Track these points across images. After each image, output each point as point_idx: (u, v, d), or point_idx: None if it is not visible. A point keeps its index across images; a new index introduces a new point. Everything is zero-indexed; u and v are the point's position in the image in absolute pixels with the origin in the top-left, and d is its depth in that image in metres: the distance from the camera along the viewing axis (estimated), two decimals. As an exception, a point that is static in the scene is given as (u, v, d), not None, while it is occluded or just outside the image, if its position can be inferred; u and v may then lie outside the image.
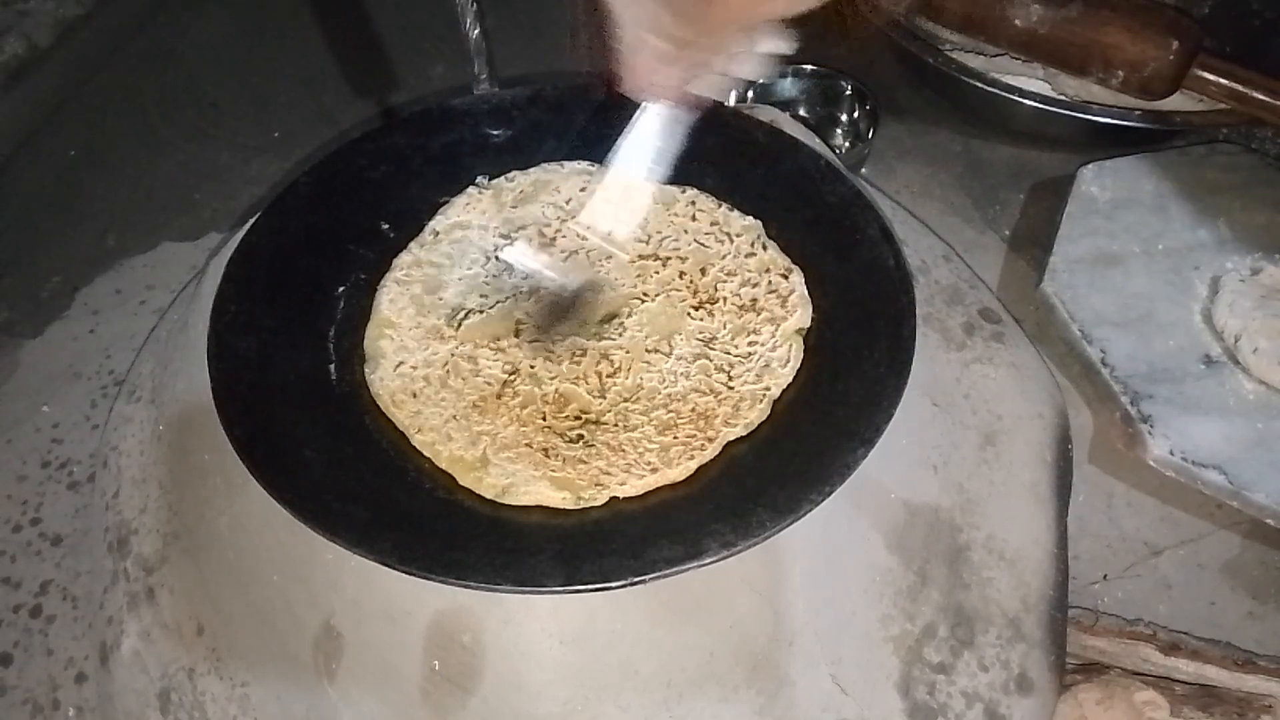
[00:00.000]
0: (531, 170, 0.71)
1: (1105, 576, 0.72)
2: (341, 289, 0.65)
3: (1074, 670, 0.65)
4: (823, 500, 0.51)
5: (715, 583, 0.54)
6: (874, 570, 0.59)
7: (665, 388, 0.59)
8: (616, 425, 0.58)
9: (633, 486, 0.54)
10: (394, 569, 0.49)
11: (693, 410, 0.58)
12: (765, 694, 0.54)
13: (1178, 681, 0.65)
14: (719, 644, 0.54)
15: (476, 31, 0.70)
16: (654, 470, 0.55)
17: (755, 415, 0.57)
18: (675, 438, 0.56)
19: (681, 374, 0.60)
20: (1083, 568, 0.71)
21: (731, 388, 0.59)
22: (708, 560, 0.49)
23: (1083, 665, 0.66)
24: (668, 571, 0.48)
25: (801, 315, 0.62)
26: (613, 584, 0.48)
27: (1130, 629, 0.68)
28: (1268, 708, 0.63)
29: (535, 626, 0.53)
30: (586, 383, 0.60)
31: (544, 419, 0.58)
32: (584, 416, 0.58)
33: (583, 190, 0.70)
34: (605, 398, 0.59)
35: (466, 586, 0.48)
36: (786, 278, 0.64)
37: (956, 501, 0.64)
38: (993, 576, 0.62)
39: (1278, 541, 0.72)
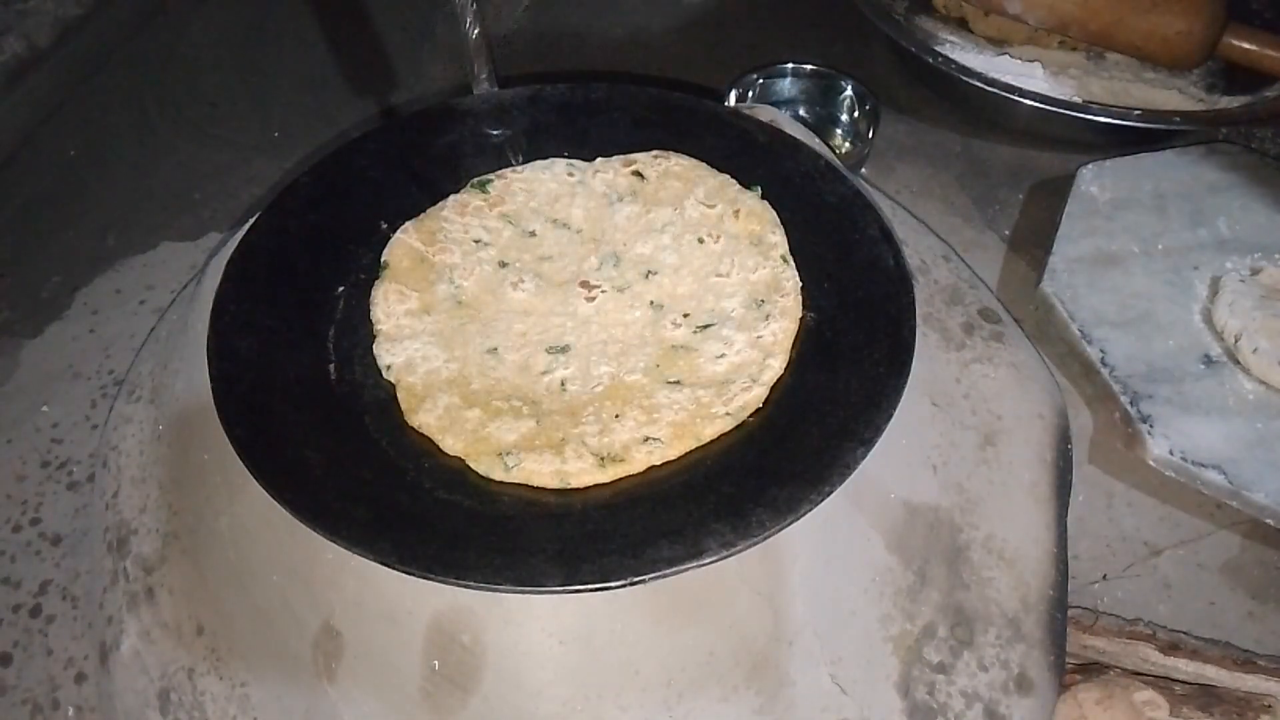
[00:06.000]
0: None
1: (1105, 576, 0.72)
2: (341, 289, 0.65)
3: (1074, 670, 0.65)
4: (822, 500, 0.51)
5: (715, 583, 0.54)
6: (874, 570, 0.59)
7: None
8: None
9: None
10: (394, 569, 0.49)
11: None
12: (765, 694, 0.54)
13: (1177, 681, 0.65)
14: (719, 644, 0.54)
15: (476, 31, 0.70)
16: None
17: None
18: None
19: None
20: (1083, 568, 0.71)
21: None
22: (707, 560, 0.49)
23: (1082, 665, 0.66)
24: (667, 571, 0.48)
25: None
26: (612, 584, 0.48)
27: (1130, 629, 0.68)
28: (1267, 707, 0.63)
29: (535, 626, 0.53)
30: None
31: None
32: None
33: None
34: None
35: (466, 586, 0.48)
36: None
37: (956, 501, 0.64)
38: (992, 576, 0.62)
39: (1278, 541, 0.72)
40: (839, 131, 1.01)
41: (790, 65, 1.00)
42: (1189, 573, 0.72)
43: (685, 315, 0.63)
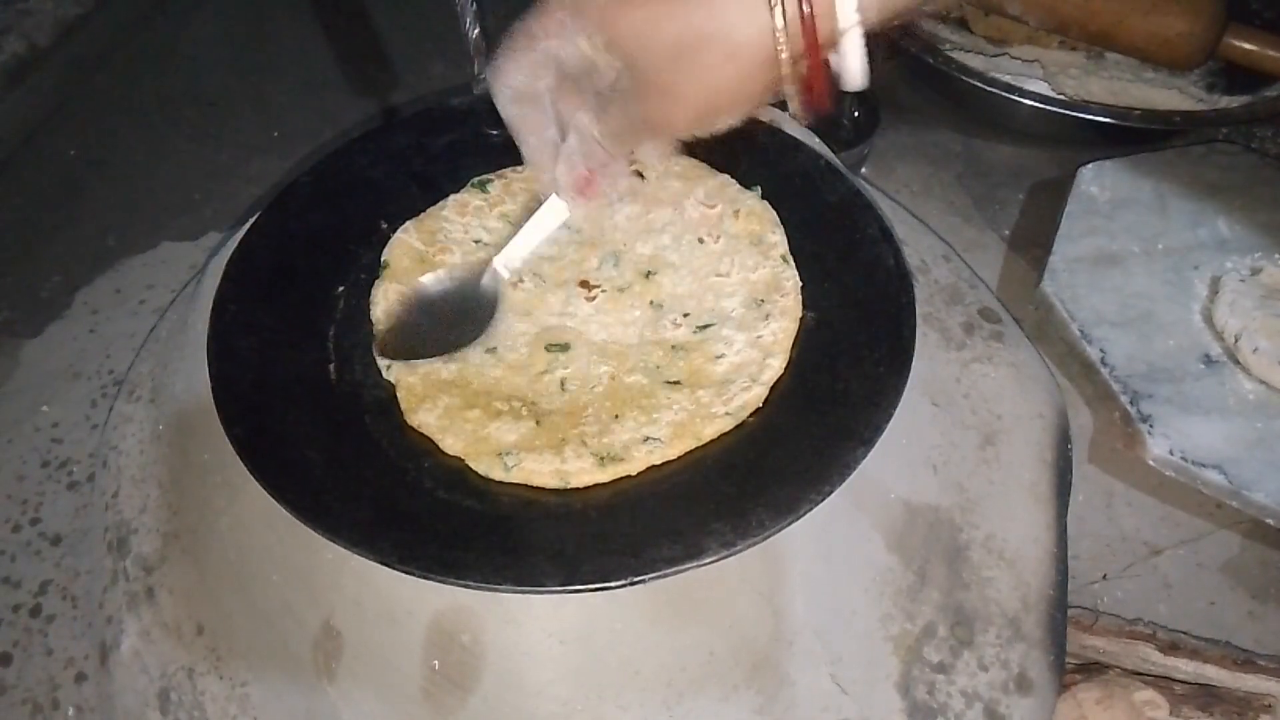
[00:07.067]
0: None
1: (1105, 576, 0.72)
2: (341, 289, 0.65)
3: (1074, 670, 0.65)
4: (822, 500, 0.51)
5: (715, 582, 0.54)
6: (874, 570, 0.59)
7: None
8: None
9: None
10: (394, 569, 0.49)
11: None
12: (765, 694, 0.54)
13: (1177, 681, 0.65)
14: (719, 643, 0.54)
15: (476, 31, 0.70)
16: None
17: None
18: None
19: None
20: (1083, 567, 0.71)
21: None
22: (707, 560, 0.49)
23: (1082, 665, 0.66)
24: (667, 571, 0.48)
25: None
26: (612, 583, 0.48)
27: (1130, 628, 0.68)
28: (1267, 707, 0.63)
29: (535, 626, 0.53)
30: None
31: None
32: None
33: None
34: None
35: (466, 586, 0.48)
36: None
37: (956, 501, 0.64)
38: (992, 576, 0.62)
39: (1278, 541, 0.72)
40: (839, 131, 1.01)
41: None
42: (1189, 573, 0.72)
43: (685, 315, 0.63)
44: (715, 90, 0.47)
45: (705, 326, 0.62)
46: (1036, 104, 0.93)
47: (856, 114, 0.99)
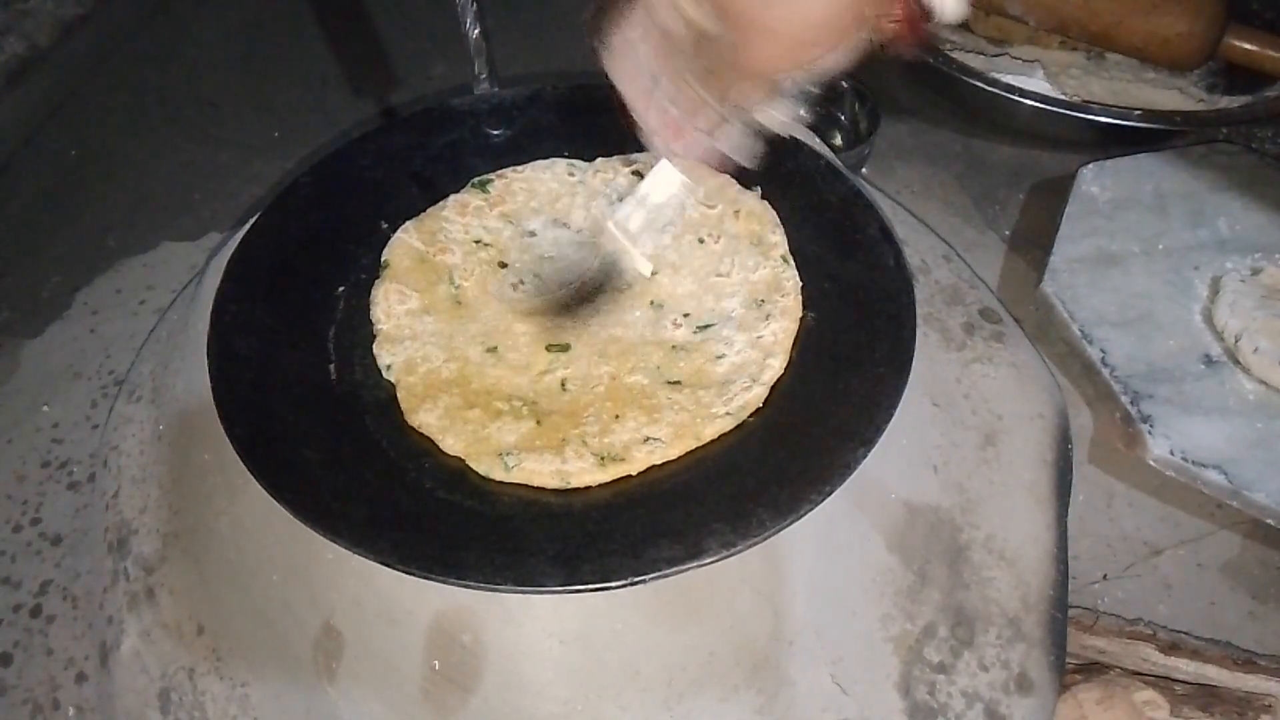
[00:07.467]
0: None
1: (1105, 576, 0.72)
2: (341, 289, 0.65)
3: (1074, 670, 0.65)
4: (823, 500, 0.51)
5: (715, 583, 0.54)
6: (874, 570, 0.59)
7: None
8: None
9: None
10: (394, 569, 0.49)
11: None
12: (765, 694, 0.54)
13: (1178, 681, 0.65)
14: (719, 644, 0.54)
15: (476, 31, 0.70)
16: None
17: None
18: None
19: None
20: (1083, 568, 0.71)
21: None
22: (708, 560, 0.49)
23: (1083, 665, 0.66)
24: (668, 571, 0.48)
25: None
26: (613, 584, 0.48)
27: (1130, 629, 0.68)
28: (1267, 707, 0.63)
29: (535, 626, 0.53)
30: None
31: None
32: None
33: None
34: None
35: (466, 586, 0.48)
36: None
37: (956, 501, 0.64)
38: (993, 576, 0.62)
39: (1278, 541, 0.72)
40: (839, 131, 1.01)
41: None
42: (1189, 573, 0.72)
43: (685, 315, 0.63)
44: (806, 22, 0.46)
45: (706, 327, 0.62)
46: (1037, 104, 0.93)
47: (856, 114, 0.99)
